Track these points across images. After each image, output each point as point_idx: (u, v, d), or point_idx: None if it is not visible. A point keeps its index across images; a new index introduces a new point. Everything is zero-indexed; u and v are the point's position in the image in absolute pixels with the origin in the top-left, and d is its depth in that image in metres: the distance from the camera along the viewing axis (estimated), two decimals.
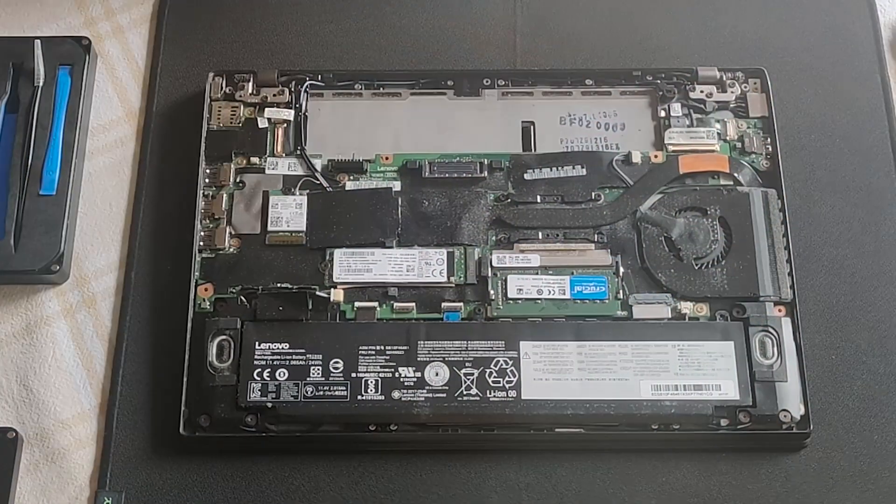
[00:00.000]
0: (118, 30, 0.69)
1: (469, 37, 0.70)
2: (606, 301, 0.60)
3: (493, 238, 0.61)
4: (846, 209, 0.64)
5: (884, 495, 0.57)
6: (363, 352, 0.58)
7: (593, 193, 0.62)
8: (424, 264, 0.60)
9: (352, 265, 0.60)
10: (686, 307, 0.59)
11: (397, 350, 0.58)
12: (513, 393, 0.57)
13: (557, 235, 0.61)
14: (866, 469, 0.58)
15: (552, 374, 0.57)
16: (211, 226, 0.62)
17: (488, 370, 0.57)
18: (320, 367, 0.57)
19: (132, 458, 0.58)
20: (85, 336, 0.61)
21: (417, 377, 0.57)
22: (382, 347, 0.58)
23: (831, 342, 0.61)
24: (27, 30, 0.69)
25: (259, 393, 0.57)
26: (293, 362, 0.57)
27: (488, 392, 0.57)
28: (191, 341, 0.58)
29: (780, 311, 0.59)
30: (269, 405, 0.57)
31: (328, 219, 0.61)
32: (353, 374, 0.57)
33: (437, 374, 0.57)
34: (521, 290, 0.60)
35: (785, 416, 0.57)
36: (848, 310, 0.62)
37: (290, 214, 0.61)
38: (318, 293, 0.59)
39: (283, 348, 0.58)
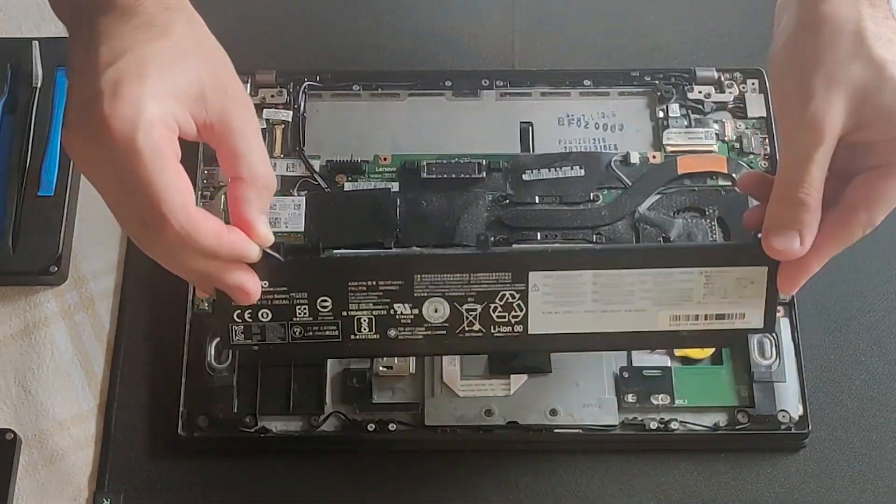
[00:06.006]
0: None
1: (467, 37, 0.70)
2: None
3: (492, 239, 0.61)
4: None
5: (883, 495, 0.57)
6: (353, 288, 0.51)
7: (592, 194, 0.62)
8: None
9: None
10: None
11: (391, 285, 0.52)
12: (519, 328, 0.51)
13: (556, 236, 0.61)
14: (865, 469, 0.58)
15: (563, 306, 0.51)
16: None
17: (493, 304, 0.52)
18: (306, 307, 0.52)
19: (131, 459, 0.58)
20: (83, 337, 0.61)
21: (415, 314, 0.52)
22: (375, 283, 0.52)
23: (830, 342, 0.61)
24: (25, 31, 0.69)
25: (243, 335, 0.51)
26: (275, 302, 0.51)
27: (492, 328, 0.52)
28: (189, 342, 0.58)
29: (778, 311, 0.59)
30: (255, 348, 0.52)
31: (327, 219, 0.61)
32: (344, 313, 0.52)
33: (436, 311, 0.52)
34: None
35: (783, 416, 0.57)
36: (846, 310, 0.62)
37: (288, 215, 0.61)
38: None
39: (263, 286, 0.50)
